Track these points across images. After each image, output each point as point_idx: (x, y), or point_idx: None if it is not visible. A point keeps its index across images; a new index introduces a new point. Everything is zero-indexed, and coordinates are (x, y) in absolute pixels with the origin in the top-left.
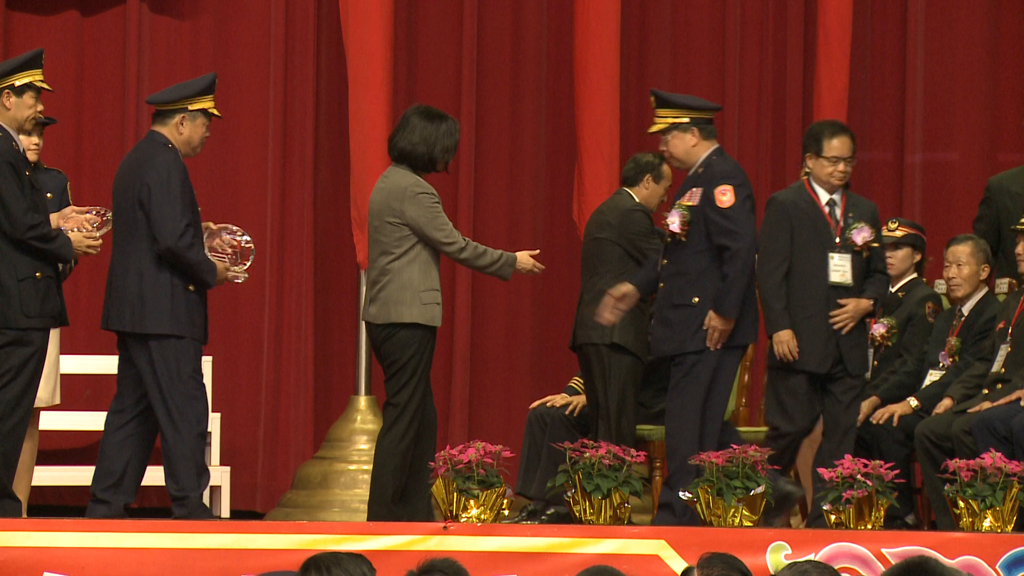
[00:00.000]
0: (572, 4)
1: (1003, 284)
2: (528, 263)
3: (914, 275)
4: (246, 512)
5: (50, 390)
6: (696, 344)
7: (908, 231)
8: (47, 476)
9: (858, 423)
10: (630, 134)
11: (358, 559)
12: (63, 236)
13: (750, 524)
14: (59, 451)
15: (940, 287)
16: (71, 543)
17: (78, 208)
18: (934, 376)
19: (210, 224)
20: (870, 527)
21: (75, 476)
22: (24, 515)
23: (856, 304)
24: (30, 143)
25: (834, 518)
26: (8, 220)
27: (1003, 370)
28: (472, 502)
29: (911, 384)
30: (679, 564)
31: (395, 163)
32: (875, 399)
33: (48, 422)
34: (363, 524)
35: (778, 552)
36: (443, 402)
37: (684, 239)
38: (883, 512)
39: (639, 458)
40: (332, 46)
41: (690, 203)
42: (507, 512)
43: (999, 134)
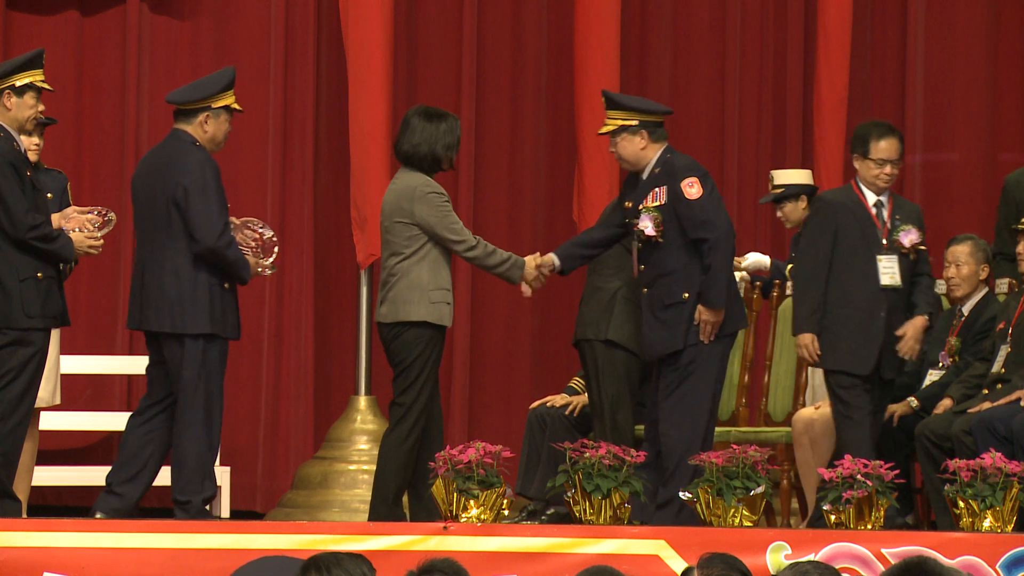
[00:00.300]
0: (572, 4)
1: (1003, 284)
2: (532, 273)
3: None
4: (246, 512)
5: (50, 390)
6: (690, 339)
7: None
8: (47, 476)
9: None
10: None
11: (358, 559)
12: (64, 236)
13: (750, 524)
14: (59, 451)
15: (940, 287)
16: (71, 543)
17: (80, 208)
18: (934, 376)
19: (234, 219)
20: (870, 527)
21: (75, 476)
22: (24, 515)
23: (913, 326)
24: (31, 143)
25: (834, 518)
26: (9, 220)
27: (1003, 370)
28: (472, 502)
29: (911, 384)
30: (679, 564)
31: (404, 166)
32: None
33: (48, 422)
34: (363, 524)
35: (778, 552)
36: (443, 402)
37: (661, 240)
38: (883, 512)
39: (639, 458)
40: (332, 46)
41: (657, 204)
42: (507, 512)
43: (999, 134)
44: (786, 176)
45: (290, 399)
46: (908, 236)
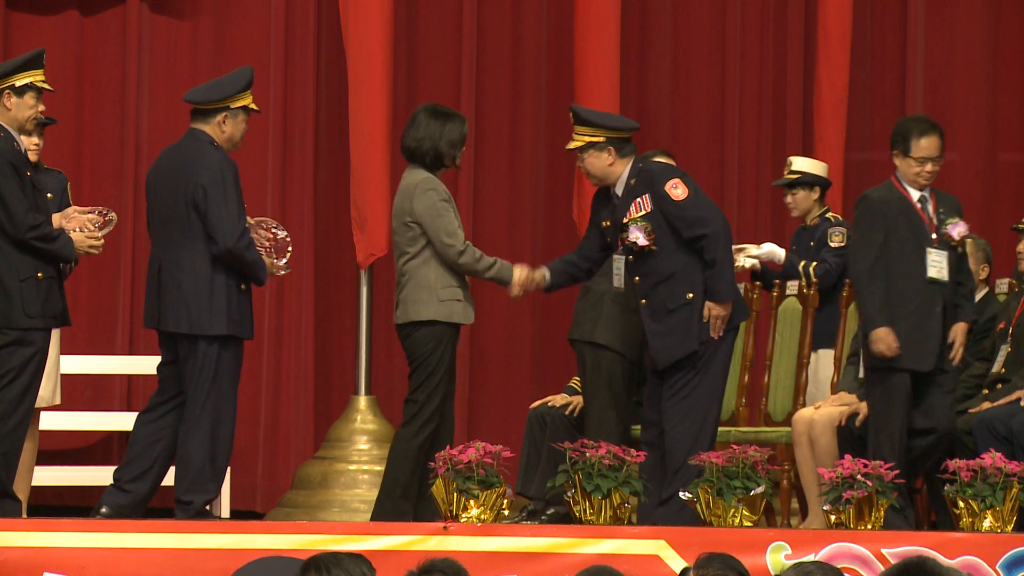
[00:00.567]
0: (572, 4)
1: (1003, 284)
2: (521, 278)
3: None
4: (246, 512)
5: (50, 389)
6: (700, 339)
7: None
8: (47, 476)
9: (858, 423)
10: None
11: (358, 559)
12: (64, 236)
13: (750, 524)
14: (59, 451)
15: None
16: (71, 543)
17: (80, 208)
18: None
19: (248, 218)
20: (870, 527)
21: (75, 476)
22: (24, 515)
23: (962, 332)
24: (30, 143)
25: (834, 518)
26: (9, 220)
27: (1003, 370)
28: (472, 502)
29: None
30: (679, 564)
31: (409, 163)
32: None
33: (48, 422)
34: (363, 524)
35: (778, 552)
36: None
37: (654, 248)
38: (883, 512)
39: (639, 458)
40: (332, 46)
41: (643, 212)
42: (507, 512)
43: (999, 134)
44: (804, 164)
45: (290, 399)
46: (956, 228)
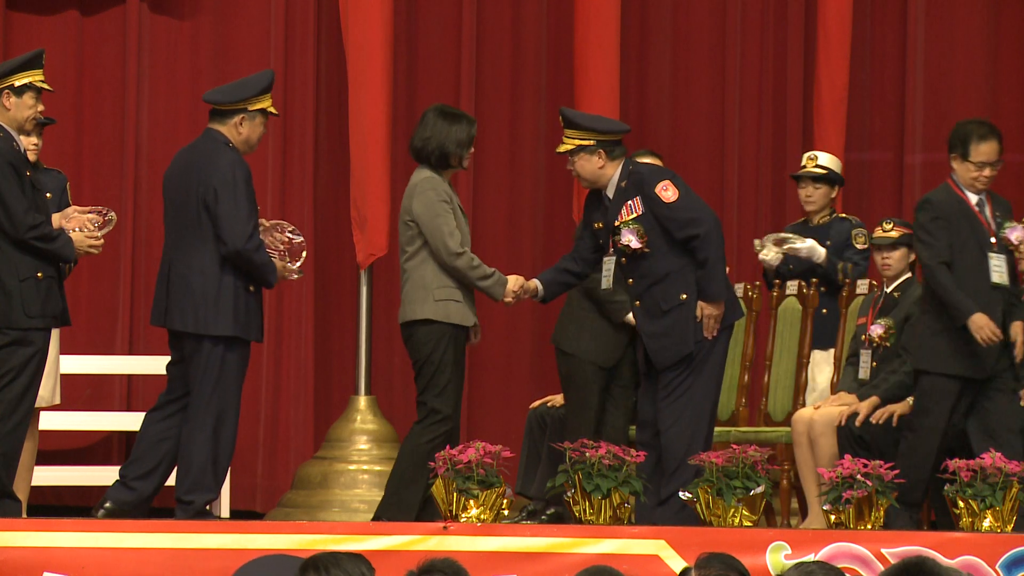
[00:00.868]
0: (572, 4)
1: None
2: (515, 288)
3: (909, 275)
4: (246, 512)
5: (50, 389)
6: (695, 339)
7: (903, 231)
8: (47, 476)
9: (858, 423)
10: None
11: (357, 559)
12: (64, 236)
13: (750, 524)
14: (59, 451)
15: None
16: (71, 543)
17: (80, 208)
18: None
19: (263, 221)
20: (870, 527)
21: (75, 476)
22: (24, 515)
23: (1022, 333)
24: (29, 143)
25: (834, 518)
26: (9, 220)
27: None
28: (472, 502)
29: (911, 384)
30: (679, 564)
31: (417, 163)
32: (875, 399)
33: (48, 422)
34: (363, 524)
35: (778, 552)
36: None
37: (647, 250)
38: (883, 512)
39: (639, 458)
40: (332, 46)
41: (635, 215)
42: (507, 512)
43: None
44: (829, 160)
45: (290, 399)
46: (1015, 232)
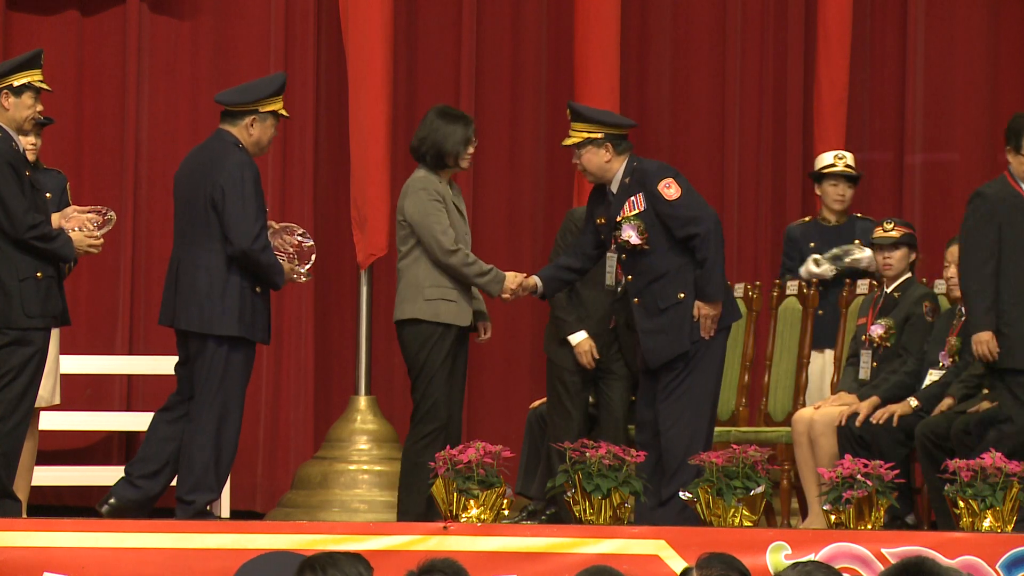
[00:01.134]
0: (572, 4)
1: None
2: (513, 285)
3: (908, 275)
4: (246, 512)
5: (50, 388)
6: (692, 338)
7: (904, 231)
8: (47, 476)
9: (858, 423)
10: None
11: (355, 559)
12: (64, 236)
13: (750, 524)
14: (59, 451)
15: (940, 287)
16: (71, 543)
17: (79, 208)
18: (934, 376)
19: (273, 223)
20: (870, 527)
21: (75, 476)
22: (24, 515)
23: None
24: (27, 143)
25: (834, 518)
26: (8, 220)
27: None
28: (472, 502)
29: (911, 384)
30: (679, 564)
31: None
32: (875, 399)
33: (48, 422)
34: (363, 524)
35: (778, 552)
36: None
37: (647, 247)
38: (883, 512)
39: (639, 458)
40: (332, 46)
41: (636, 211)
42: (507, 512)
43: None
44: (854, 161)
45: (290, 399)
46: None
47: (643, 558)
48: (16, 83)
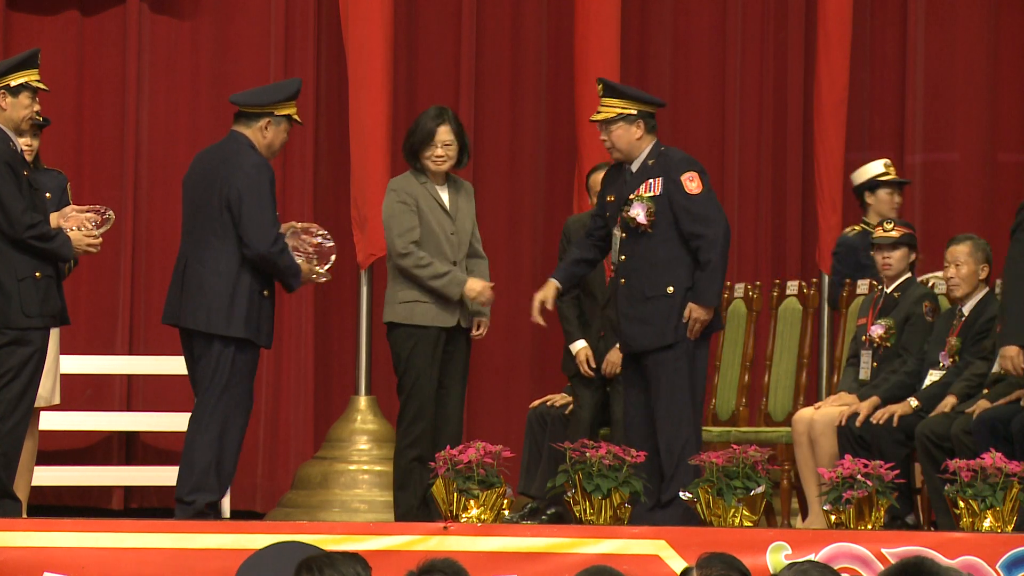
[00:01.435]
0: (572, 4)
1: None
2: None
3: (908, 275)
4: (246, 512)
5: (50, 388)
6: (676, 335)
7: (904, 231)
8: (47, 476)
9: (858, 423)
10: None
11: (353, 559)
12: (62, 235)
13: (750, 524)
14: (59, 451)
15: (940, 287)
16: (71, 543)
17: (78, 207)
18: (934, 376)
19: (295, 224)
20: (870, 527)
21: (75, 476)
22: (24, 515)
23: None
24: (23, 143)
25: (834, 518)
26: (7, 220)
27: (1003, 370)
28: (472, 502)
29: (911, 384)
30: (679, 564)
31: None
32: (875, 399)
33: (48, 422)
34: (363, 524)
35: (778, 552)
36: None
37: (650, 230)
38: (883, 512)
39: (639, 458)
40: (332, 46)
41: (651, 194)
42: (507, 512)
43: (999, 134)
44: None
45: (290, 399)
46: None
47: (643, 558)
48: (13, 83)
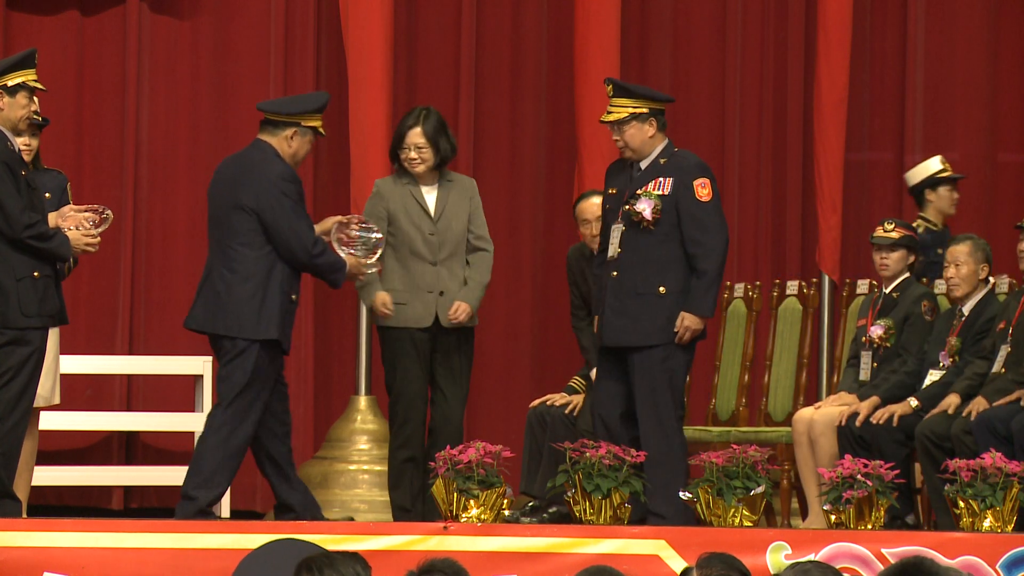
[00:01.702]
0: (572, 4)
1: (1003, 284)
2: (376, 307)
3: (907, 275)
4: (246, 512)
5: (49, 388)
6: (662, 337)
7: (904, 232)
8: (47, 476)
9: (858, 423)
10: None
11: (352, 558)
12: (61, 235)
13: (750, 524)
14: (59, 451)
15: (940, 287)
16: (71, 543)
17: (76, 207)
18: (934, 376)
19: (340, 217)
20: (870, 527)
21: (75, 476)
22: (24, 515)
23: None
24: (21, 144)
25: (834, 518)
26: (5, 220)
27: (1003, 370)
28: (472, 502)
29: (911, 384)
30: (679, 564)
31: None
32: (875, 399)
33: (48, 422)
34: (363, 524)
35: (778, 552)
36: None
37: (653, 228)
38: (883, 512)
39: (639, 458)
40: (332, 46)
41: (660, 193)
42: (507, 512)
43: (999, 134)
44: None
45: (290, 399)
46: None
47: (643, 558)
48: (10, 83)
